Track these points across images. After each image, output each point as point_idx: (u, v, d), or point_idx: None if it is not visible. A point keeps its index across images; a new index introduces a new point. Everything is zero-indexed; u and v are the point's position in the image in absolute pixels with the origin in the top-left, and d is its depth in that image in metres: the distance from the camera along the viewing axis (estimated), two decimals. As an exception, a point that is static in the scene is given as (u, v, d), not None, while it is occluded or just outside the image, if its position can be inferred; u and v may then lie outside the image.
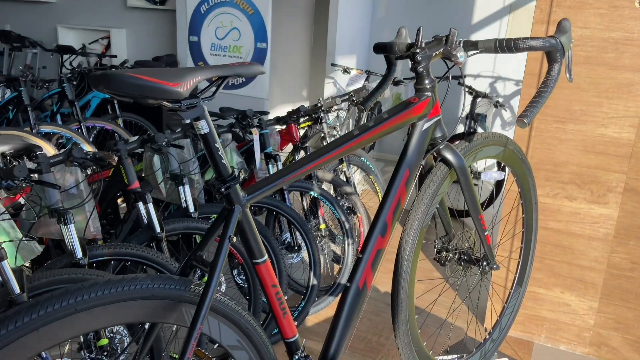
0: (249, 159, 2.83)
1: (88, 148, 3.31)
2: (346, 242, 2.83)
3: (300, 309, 2.52)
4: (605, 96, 2.23)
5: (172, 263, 1.94)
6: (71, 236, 1.76)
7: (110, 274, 1.86)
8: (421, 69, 1.27)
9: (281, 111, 4.44)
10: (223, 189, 0.98)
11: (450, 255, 1.52)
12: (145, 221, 2.02)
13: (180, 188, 2.22)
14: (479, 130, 3.95)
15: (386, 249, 1.27)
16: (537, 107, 1.21)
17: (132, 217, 2.25)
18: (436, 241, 1.53)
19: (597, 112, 2.26)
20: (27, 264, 2.36)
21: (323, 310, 2.75)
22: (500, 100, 3.95)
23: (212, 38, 4.99)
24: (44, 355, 1.60)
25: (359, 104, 1.46)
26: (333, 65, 4.41)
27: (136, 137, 2.04)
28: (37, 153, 1.81)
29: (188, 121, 0.90)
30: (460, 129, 4.42)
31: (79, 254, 1.77)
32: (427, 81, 1.30)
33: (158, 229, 2.02)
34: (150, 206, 2.00)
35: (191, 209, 2.22)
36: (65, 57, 4.57)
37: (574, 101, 2.29)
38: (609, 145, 2.27)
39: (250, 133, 2.50)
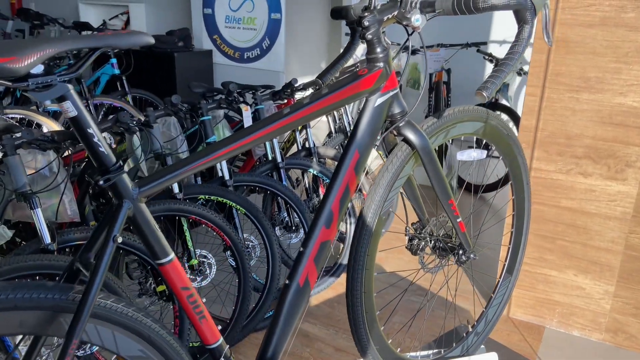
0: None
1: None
2: (349, 222, 2.71)
3: (295, 291, 2.43)
4: (625, 61, 1.99)
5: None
6: (38, 220, 1.72)
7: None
8: (370, 36, 1.11)
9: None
10: (102, 182, 0.86)
11: (423, 243, 1.37)
12: (124, 203, 1.96)
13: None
14: (502, 100, 3.69)
15: (333, 242, 1.14)
16: (500, 78, 1.03)
17: (117, 199, 2.20)
18: (407, 227, 1.38)
19: (615, 80, 2.02)
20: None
21: (324, 292, 2.66)
22: (525, 68, 3.67)
23: (226, 10, 4.87)
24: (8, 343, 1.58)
25: (317, 78, 1.31)
26: (347, 35, 4.20)
27: (111, 117, 1.96)
28: (4, 136, 1.76)
29: (49, 102, 0.79)
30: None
31: (47, 239, 1.73)
32: (378, 50, 1.13)
33: (136, 212, 1.95)
34: (127, 188, 1.92)
35: (175, 189, 2.15)
36: (83, 33, 4.55)
37: (589, 68, 2.05)
38: (628, 115, 2.03)
39: (238, 110, 2.38)
